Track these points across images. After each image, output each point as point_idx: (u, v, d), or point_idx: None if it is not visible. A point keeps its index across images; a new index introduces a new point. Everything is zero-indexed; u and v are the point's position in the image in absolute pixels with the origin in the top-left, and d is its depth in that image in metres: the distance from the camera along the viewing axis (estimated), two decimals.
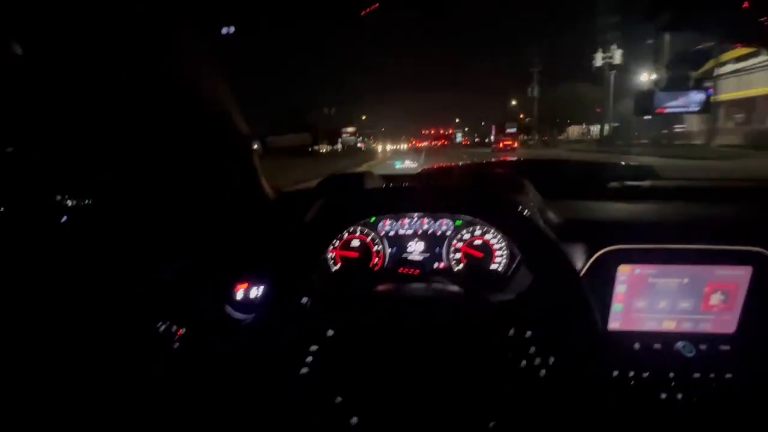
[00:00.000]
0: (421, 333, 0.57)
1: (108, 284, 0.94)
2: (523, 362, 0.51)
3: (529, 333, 0.52)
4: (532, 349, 0.51)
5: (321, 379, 0.56)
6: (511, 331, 0.53)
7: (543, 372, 0.50)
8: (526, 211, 0.74)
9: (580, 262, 0.84)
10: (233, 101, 0.83)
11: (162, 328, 0.92)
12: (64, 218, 1.01)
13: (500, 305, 0.62)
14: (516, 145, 33.05)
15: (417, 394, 0.54)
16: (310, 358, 0.57)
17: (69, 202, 0.98)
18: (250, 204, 1.04)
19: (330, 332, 0.58)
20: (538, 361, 0.50)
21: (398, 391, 0.55)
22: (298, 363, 0.57)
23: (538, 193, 0.94)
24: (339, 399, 0.55)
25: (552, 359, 0.50)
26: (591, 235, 0.84)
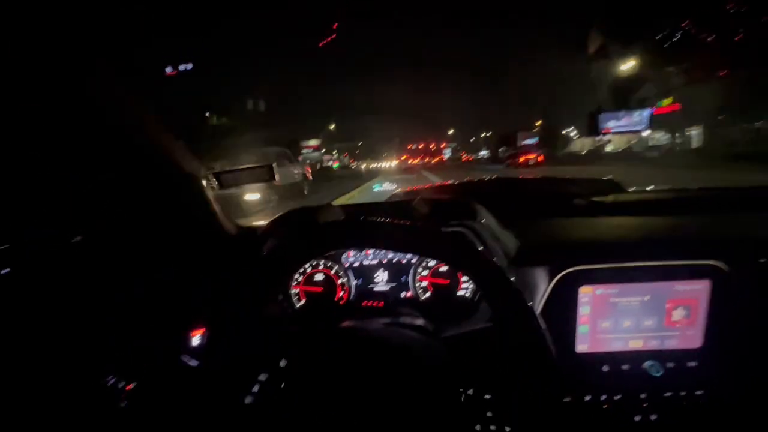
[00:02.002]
0: (377, 379, 0.55)
1: (52, 337, 0.87)
2: (478, 426, 0.49)
3: (487, 396, 0.50)
4: (489, 414, 0.49)
5: (268, 410, 0.53)
6: (470, 391, 0.51)
7: None
8: (470, 244, 0.72)
9: (543, 285, 0.82)
10: (173, 139, 0.81)
11: (110, 383, 0.85)
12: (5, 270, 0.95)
13: (463, 343, 0.60)
14: (541, 159, 27.72)
15: None
16: (257, 387, 0.54)
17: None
18: (205, 244, 1.00)
19: (283, 362, 0.56)
20: (493, 428, 0.48)
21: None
22: (247, 389, 0.54)
23: (493, 217, 0.93)
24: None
25: (508, 430, 0.48)
26: (551, 257, 0.84)
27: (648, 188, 1.48)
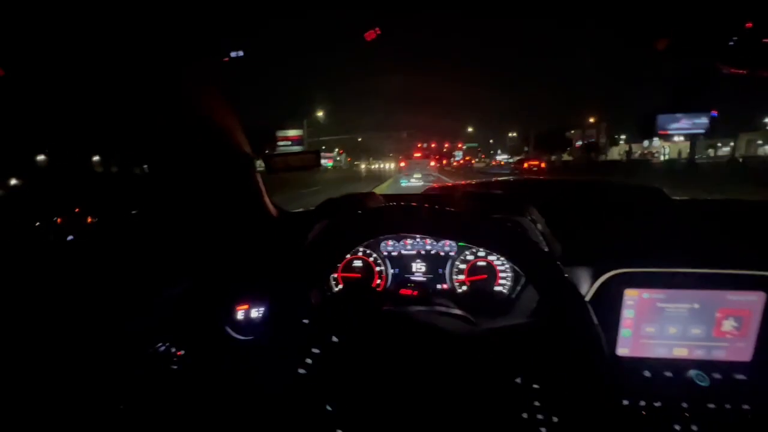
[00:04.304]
0: (423, 361, 0.56)
1: (110, 305, 0.94)
2: (525, 414, 0.49)
3: (536, 386, 0.50)
4: (537, 403, 0.49)
5: (315, 385, 0.55)
6: (518, 380, 0.51)
7: (543, 429, 0.48)
8: (529, 235, 0.73)
9: (586, 286, 0.82)
10: (236, 121, 0.85)
11: (162, 349, 0.91)
12: (70, 237, 1.03)
13: (507, 337, 0.60)
14: (543, 165, 28.51)
15: (407, 419, 0.53)
16: (309, 361, 0.56)
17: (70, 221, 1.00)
18: (253, 224, 1.04)
19: (334, 339, 0.57)
20: (540, 416, 0.49)
21: (388, 414, 0.53)
22: (295, 366, 0.56)
23: (541, 215, 0.93)
24: (329, 408, 0.53)
25: (555, 419, 0.48)
26: (597, 259, 0.83)
27: (696, 198, 1.43)
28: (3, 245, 0.96)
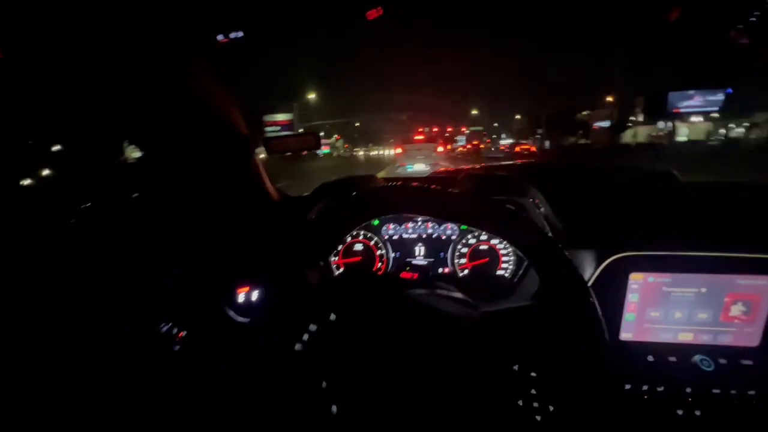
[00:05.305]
0: (420, 342, 0.55)
1: (111, 286, 0.95)
2: (520, 401, 0.48)
3: (533, 374, 0.49)
4: (533, 391, 0.48)
5: (311, 363, 0.55)
6: (516, 367, 0.50)
7: (538, 417, 0.47)
8: (529, 217, 0.71)
9: (590, 269, 0.80)
10: (233, 103, 0.83)
11: (164, 329, 0.92)
12: (72, 220, 1.03)
13: (505, 319, 0.59)
14: (533, 149, 29.73)
15: (401, 400, 0.52)
16: (305, 338, 0.55)
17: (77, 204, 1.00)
18: (253, 206, 1.03)
19: (332, 317, 0.57)
20: (536, 404, 0.48)
21: (384, 393, 0.53)
22: (291, 347, 0.55)
23: (545, 198, 0.91)
24: (324, 384, 0.53)
25: (551, 408, 0.47)
26: (602, 242, 0.81)
27: (707, 181, 1.38)
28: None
